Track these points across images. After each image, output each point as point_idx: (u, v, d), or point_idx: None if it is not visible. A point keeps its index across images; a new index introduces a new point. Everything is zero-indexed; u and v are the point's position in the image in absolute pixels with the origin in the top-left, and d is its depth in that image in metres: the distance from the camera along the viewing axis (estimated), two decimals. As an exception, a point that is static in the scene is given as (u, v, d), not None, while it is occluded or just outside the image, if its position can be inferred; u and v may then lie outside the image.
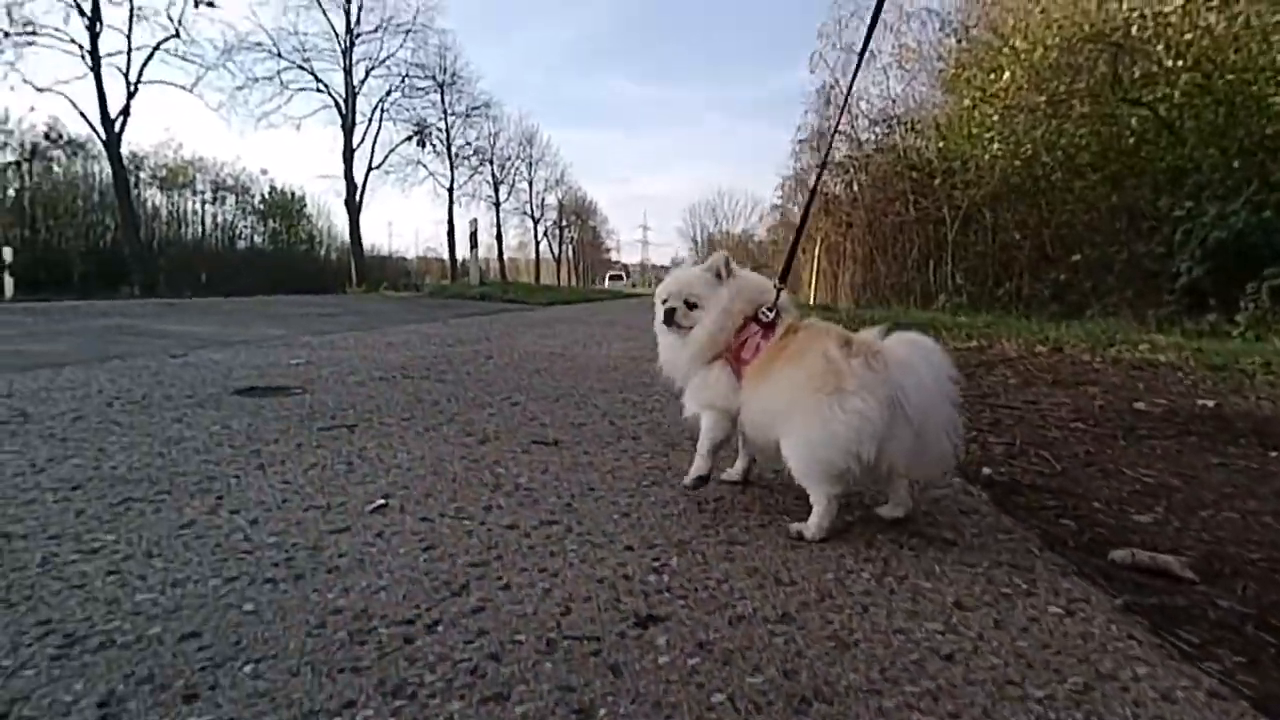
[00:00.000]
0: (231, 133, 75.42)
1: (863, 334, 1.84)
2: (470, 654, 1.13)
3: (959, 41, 18.35)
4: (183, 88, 22.95)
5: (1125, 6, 12.77)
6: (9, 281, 13.46)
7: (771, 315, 1.92)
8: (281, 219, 21.81)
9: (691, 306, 1.99)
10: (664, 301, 2.04)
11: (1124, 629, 1.31)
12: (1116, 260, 13.53)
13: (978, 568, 1.56)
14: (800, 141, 25.87)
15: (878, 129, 21.94)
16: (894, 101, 21.91)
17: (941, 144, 17.95)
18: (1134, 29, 12.73)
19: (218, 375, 3.92)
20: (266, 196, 21.86)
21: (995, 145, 15.42)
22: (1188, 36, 12.26)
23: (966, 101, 16.61)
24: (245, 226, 20.65)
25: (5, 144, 17.55)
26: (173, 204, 18.01)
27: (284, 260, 20.54)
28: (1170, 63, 12.80)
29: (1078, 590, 1.47)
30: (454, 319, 9.62)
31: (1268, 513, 2.25)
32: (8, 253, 13.56)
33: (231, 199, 20.21)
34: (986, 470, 2.59)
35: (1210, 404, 4.16)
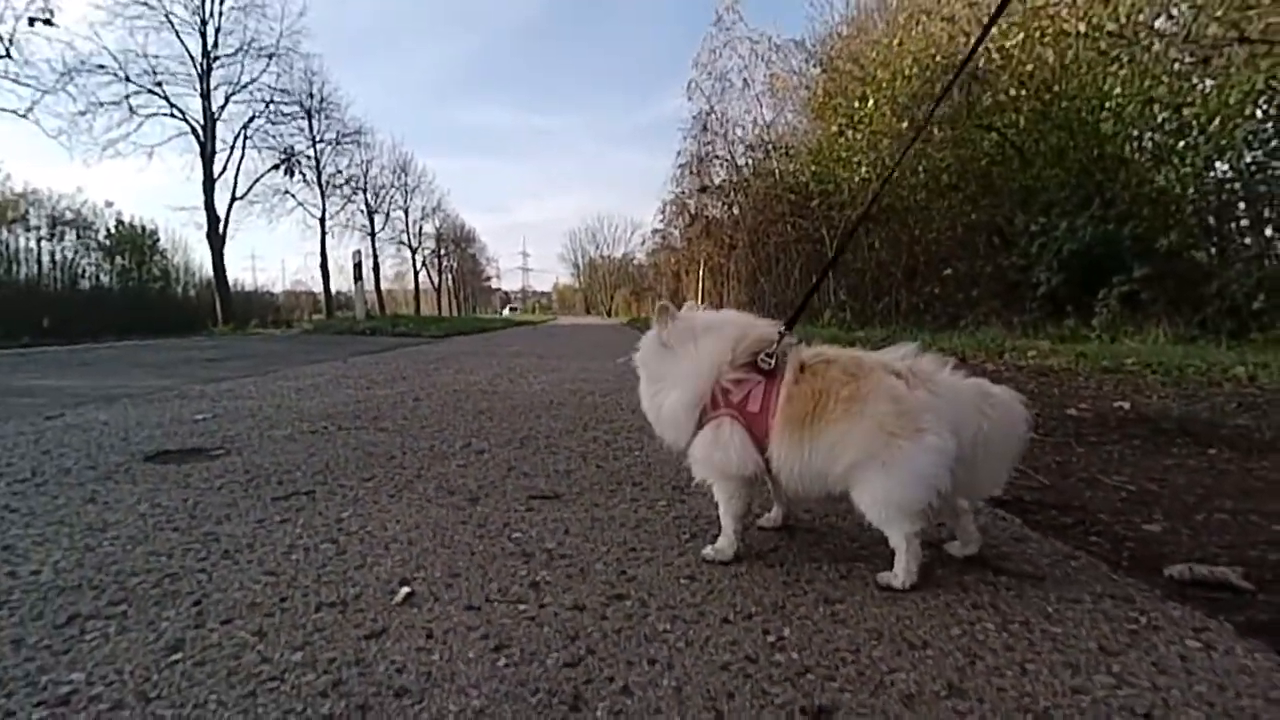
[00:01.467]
0: (73, 163, 65.81)
1: (891, 355, 1.78)
2: (652, 794, 0.92)
3: (823, 72, 19.45)
4: (14, 113, 20.19)
5: (973, 40, 13.96)
6: None
7: (771, 362, 1.76)
8: (131, 255, 19.63)
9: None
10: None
11: (1267, 658, 1.27)
12: (982, 273, 14.64)
13: (1084, 603, 1.50)
14: (680, 166, 26.48)
15: (754, 154, 22.85)
16: (767, 128, 22.95)
17: (814, 168, 18.86)
18: (982, 60, 13.94)
19: (114, 439, 3.36)
20: (113, 231, 19.65)
21: (864, 169, 16.38)
22: (1029, 68, 13.59)
23: (834, 128, 17.56)
24: (89, 264, 18.42)
25: None
26: (1, 241, 15.76)
27: (136, 300, 18.46)
28: (1015, 92, 14.16)
29: (1192, 619, 1.43)
30: (352, 357, 8.96)
31: (1251, 512, 2.36)
32: None
33: (72, 234, 18.03)
34: (991, 490, 2.60)
35: (1126, 406, 4.46)
